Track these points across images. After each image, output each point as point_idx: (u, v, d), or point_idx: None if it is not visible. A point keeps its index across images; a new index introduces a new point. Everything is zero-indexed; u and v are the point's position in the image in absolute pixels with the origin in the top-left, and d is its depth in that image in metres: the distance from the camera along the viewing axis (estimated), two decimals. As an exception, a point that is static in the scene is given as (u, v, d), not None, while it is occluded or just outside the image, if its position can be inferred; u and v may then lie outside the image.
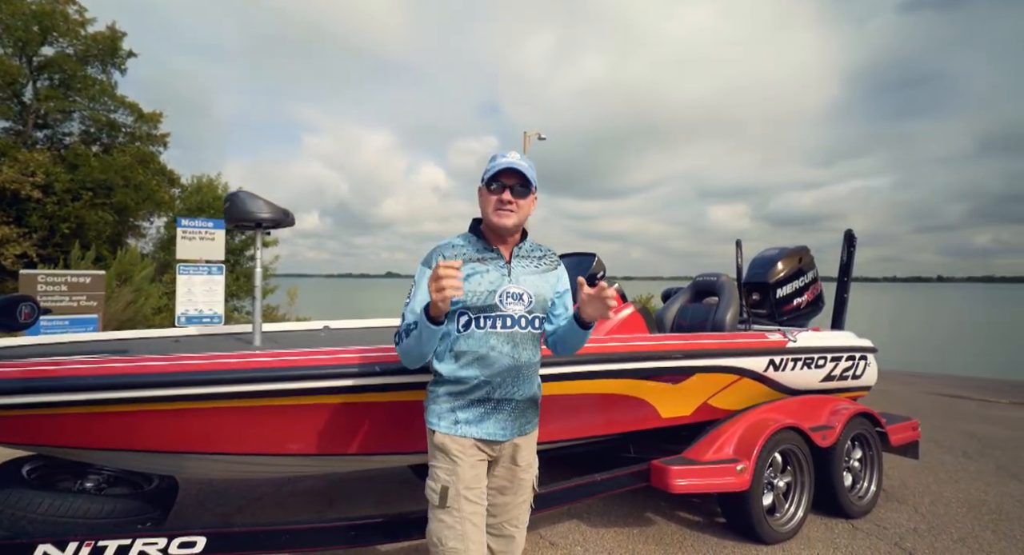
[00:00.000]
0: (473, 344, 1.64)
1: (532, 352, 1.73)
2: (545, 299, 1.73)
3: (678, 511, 3.35)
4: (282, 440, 2.05)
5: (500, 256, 1.71)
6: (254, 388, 1.91)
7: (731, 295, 3.59)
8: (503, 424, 1.67)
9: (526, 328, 1.69)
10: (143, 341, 2.81)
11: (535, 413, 1.79)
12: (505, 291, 1.65)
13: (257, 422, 1.99)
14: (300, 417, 2.04)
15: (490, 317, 1.64)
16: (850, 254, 4.27)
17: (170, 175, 12.49)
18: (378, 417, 2.16)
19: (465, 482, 1.62)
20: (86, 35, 10.99)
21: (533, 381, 1.75)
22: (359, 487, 3.65)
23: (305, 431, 2.06)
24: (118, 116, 11.77)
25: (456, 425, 1.65)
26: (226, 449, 2.00)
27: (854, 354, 3.67)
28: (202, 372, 1.88)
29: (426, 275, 1.62)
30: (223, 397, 1.90)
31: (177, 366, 1.88)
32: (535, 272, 1.74)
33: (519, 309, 1.66)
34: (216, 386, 1.87)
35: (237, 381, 1.89)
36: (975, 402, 7.45)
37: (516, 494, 1.75)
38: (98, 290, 6.49)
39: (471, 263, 1.66)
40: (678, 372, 2.80)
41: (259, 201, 2.52)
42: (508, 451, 1.72)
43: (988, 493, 3.84)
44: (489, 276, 1.65)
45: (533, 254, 1.79)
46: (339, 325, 3.81)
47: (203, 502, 3.29)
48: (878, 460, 3.50)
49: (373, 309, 36.69)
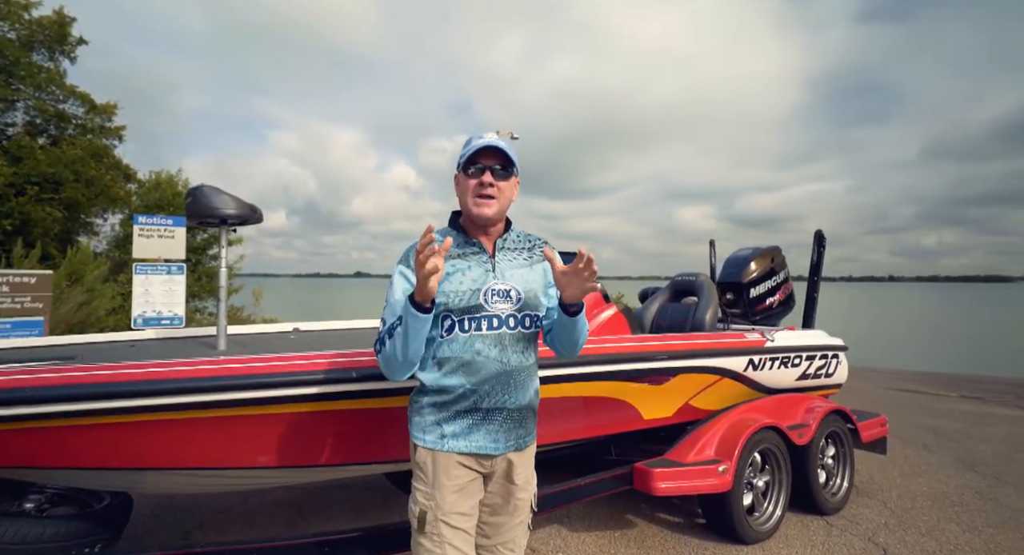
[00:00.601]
0: (457, 349, 1.48)
1: (524, 355, 1.56)
2: (536, 294, 1.56)
3: (659, 512, 3.33)
4: (249, 452, 1.91)
5: (483, 250, 1.55)
6: (217, 397, 1.76)
7: (710, 295, 3.60)
8: (494, 436, 1.51)
9: (515, 328, 1.52)
10: (94, 346, 2.59)
11: (533, 424, 1.63)
12: (490, 288, 1.50)
13: (221, 434, 1.84)
14: (269, 427, 1.90)
15: (475, 318, 1.48)
16: (820, 254, 4.37)
17: (126, 170, 11.84)
18: (354, 425, 2.05)
19: (445, 507, 1.47)
20: (30, 19, 10.31)
21: (527, 387, 1.58)
22: (333, 496, 3.50)
23: (275, 442, 1.92)
24: (67, 107, 11.09)
25: (443, 439, 1.49)
26: (186, 464, 1.85)
27: (827, 353, 3.74)
28: (158, 381, 1.70)
29: (403, 275, 1.51)
30: (182, 408, 1.74)
31: (128, 374, 1.71)
32: (523, 265, 1.57)
33: (506, 308, 1.50)
34: (174, 396, 1.71)
35: (198, 390, 1.73)
36: (929, 396, 7.78)
37: (512, 515, 1.59)
38: (44, 291, 6.08)
39: (451, 260, 1.50)
40: (662, 373, 2.78)
41: (224, 196, 2.36)
42: (502, 467, 1.55)
43: (949, 485, 3.98)
44: (471, 273, 1.50)
45: (520, 245, 1.62)
46: (309, 327, 3.65)
47: (160, 517, 3.08)
48: (850, 457, 3.57)
49: (343, 309, 35.97)
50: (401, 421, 2.13)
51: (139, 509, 3.17)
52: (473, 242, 1.56)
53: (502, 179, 1.51)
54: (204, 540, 2.75)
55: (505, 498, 1.57)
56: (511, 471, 1.55)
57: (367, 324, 3.87)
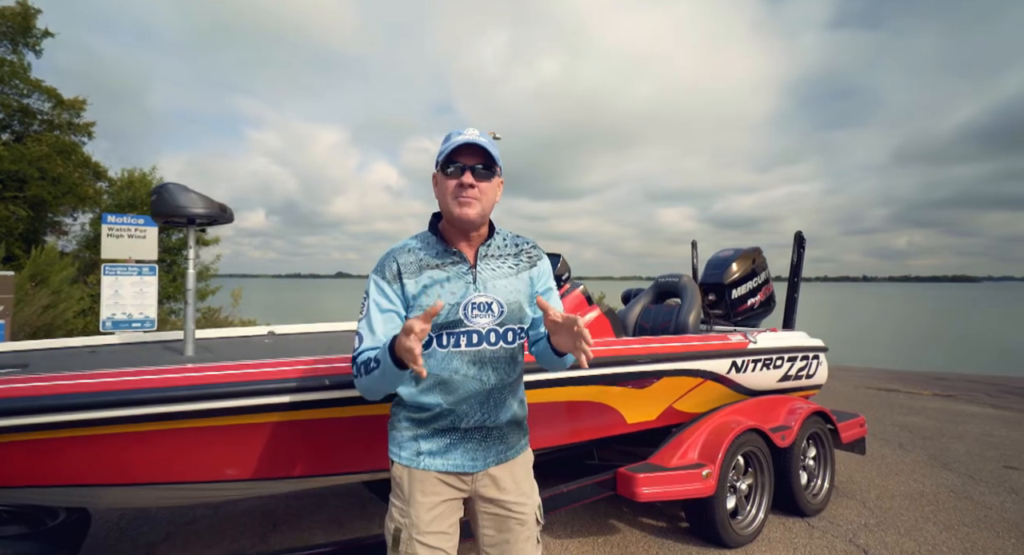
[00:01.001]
0: (434, 365, 1.40)
1: (506, 371, 1.47)
2: (520, 305, 1.46)
3: (642, 517, 3.30)
4: (216, 465, 1.81)
5: (463, 259, 1.44)
6: (179, 408, 1.65)
7: (693, 297, 3.58)
8: (472, 454, 1.44)
9: (496, 344, 1.43)
10: (50, 353, 2.45)
11: (519, 436, 1.54)
12: (470, 302, 1.40)
13: (184, 447, 1.74)
14: (236, 439, 1.80)
15: (453, 334, 1.39)
16: (800, 255, 4.40)
17: (95, 167, 11.45)
18: (327, 435, 1.96)
19: (420, 526, 1.40)
20: (-7, 10, 9.94)
21: (510, 403, 1.50)
22: (308, 505, 3.40)
23: (243, 454, 1.82)
24: (32, 102, 10.70)
25: (419, 457, 1.43)
26: (148, 479, 1.74)
27: (808, 354, 3.75)
28: (113, 392, 1.59)
29: (379, 287, 1.41)
30: (141, 420, 1.63)
31: (81, 386, 1.58)
32: (508, 273, 1.47)
33: (487, 322, 1.41)
34: (132, 408, 1.59)
35: (158, 401, 1.62)
36: (902, 394, 7.93)
37: (515, 530, 1.48)
38: (6, 293, 5.83)
39: (429, 271, 1.41)
40: (645, 377, 2.74)
41: (191, 195, 2.25)
42: (486, 482, 1.47)
43: (925, 484, 4.03)
44: (451, 286, 1.40)
45: (505, 251, 1.50)
46: (285, 330, 3.53)
47: (124, 530, 2.94)
48: (831, 457, 3.58)
49: (323, 310, 35.46)
50: (377, 430, 2.06)
51: (103, 521, 3.04)
52: (453, 251, 1.45)
53: (484, 179, 1.40)
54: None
55: (501, 514, 1.48)
56: (497, 485, 1.47)
57: (345, 327, 3.77)
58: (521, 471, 1.53)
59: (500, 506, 1.48)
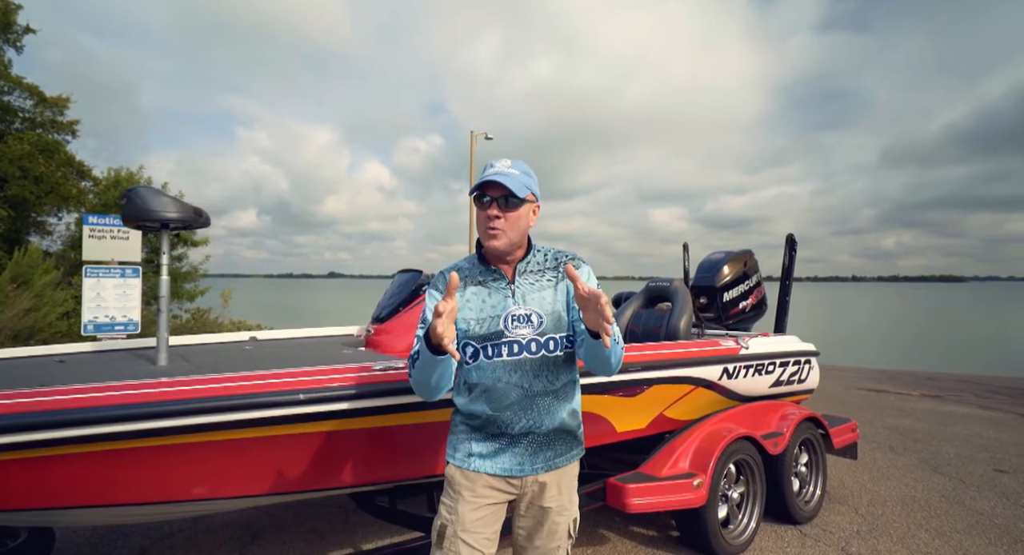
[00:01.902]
0: (481, 375, 1.51)
1: (549, 380, 1.53)
2: (560, 316, 1.54)
3: (632, 526, 3.24)
4: (182, 485, 1.72)
5: (502, 276, 1.55)
6: (145, 426, 1.56)
7: (684, 301, 3.53)
8: (520, 458, 1.51)
9: (537, 353, 1.50)
10: (13, 362, 2.34)
11: (570, 444, 1.58)
12: (509, 314, 1.50)
13: (148, 467, 1.65)
14: (204, 457, 1.71)
15: (496, 345, 1.49)
16: (791, 258, 4.36)
17: (79, 167, 11.23)
18: (306, 451, 1.87)
19: (465, 524, 1.47)
20: (-29, 6, 9.71)
21: (556, 411, 1.54)
22: (290, 517, 3.31)
23: (211, 473, 1.74)
24: (14, 99, 10.48)
25: (470, 458, 1.52)
26: (108, 500, 1.64)
27: (799, 358, 3.71)
28: (73, 410, 1.48)
29: (432, 297, 1.52)
30: (102, 439, 1.54)
31: (32, 404, 1.47)
32: (546, 286, 1.55)
33: (527, 333, 1.50)
34: (91, 427, 1.50)
35: (123, 419, 1.53)
36: (892, 395, 7.95)
37: (548, 539, 1.55)
38: (-18, 296, 5.68)
39: (472, 288, 1.53)
40: (635, 385, 2.68)
41: (163, 198, 2.16)
42: (533, 488, 1.53)
43: (917, 489, 4.00)
44: (491, 300, 1.52)
45: (545, 266, 1.59)
46: (267, 336, 3.44)
47: (97, 545, 2.83)
48: (823, 464, 3.54)
49: (315, 311, 35.18)
50: (355, 443, 1.98)
51: (75, 535, 2.93)
52: (493, 269, 1.56)
53: (511, 209, 1.49)
54: None
55: (539, 521, 1.55)
56: (543, 493, 1.54)
57: (329, 332, 3.68)
58: (567, 481, 1.60)
59: (540, 513, 1.55)
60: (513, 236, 1.51)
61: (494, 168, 1.50)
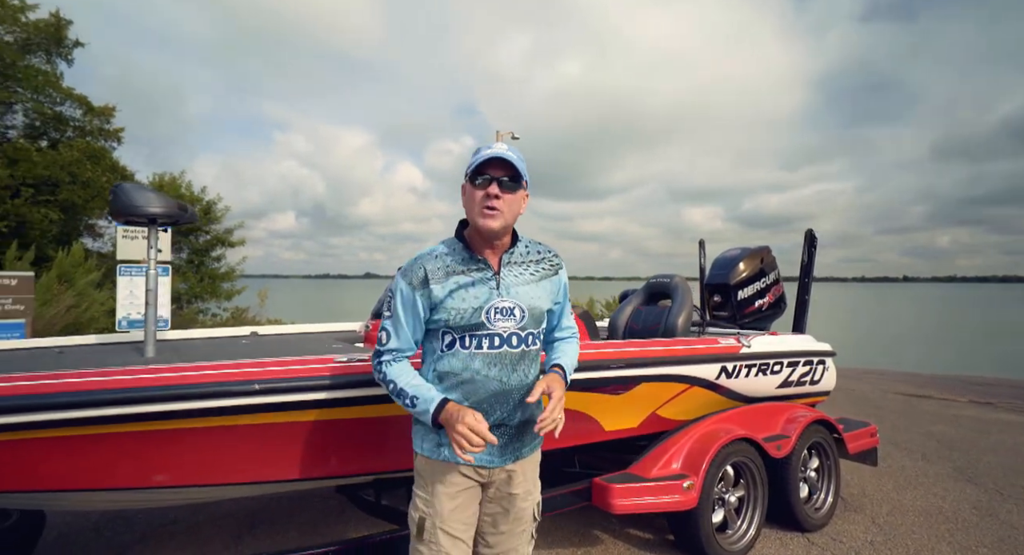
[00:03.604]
0: (456, 365, 1.49)
1: (525, 372, 1.54)
2: (541, 311, 1.55)
3: (628, 528, 3.15)
4: (146, 471, 1.77)
5: (487, 266, 1.52)
6: (101, 413, 1.60)
7: (684, 298, 3.41)
8: (491, 450, 1.50)
9: (517, 347, 1.51)
10: (16, 353, 2.46)
11: (534, 434, 1.60)
12: (493, 307, 1.47)
13: (108, 453, 1.69)
14: (162, 445, 1.75)
15: (475, 336, 1.47)
16: (811, 255, 4.16)
17: (122, 172, 11.87)
18: (270, 441, 1.89)
19: (443, 515, 1.48)
20: (27, 22, 10.37)
21: (528, 404, 1.55)
22: (288, 508, 3.36)
23: (172, 460, 1.78)
24: (65, 109, 11.14)
25: (440, 448, 1.50)
26: (76, 485, 1.70)
27: (811, 358, 3.53)
28: (32, 396, 1.54)
29: (404, 291, 1.49)
30: (62, 425, 1.59)
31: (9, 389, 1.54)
32: (530, 280, 1.55)
33: (509, 326, 1.49)
34: (57, 412, 1.56)
35: (83, 405, 1.58)
36: (936, 401, 7.48)
37: (513, 524, 1.57)
38: (26, 293, 6.03)
39: (455, 277, 1.48)
40: (620, 382, 2.60)
41: (147, 194, 2.23)
42: (501, 477, 1.55)
43: (945, 500, 3.75)
44: (475, 290, 1.48)
45: (528, 259, 1.58)
46: (268, 331, 3.52)
47: (101, 530, 2.95)
48: (835, 469, 3.36)
49: (347, 309, 36.04)
50: (320, 435, 1.98)
51: (83, 519, 3.07)
52: (478, 258, 1.52)
53: (509, 191, 1.47)
54: None
55: (505, 508, 1.56)
56: (511, 480, 1.55)
57: (334, 327, 3.73)
58: (531, 467, 1.63)
59: (506, 501, 1.56)
60: (509, 218, 1.48)
61: (492, 149, 1.47)
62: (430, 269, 1.49)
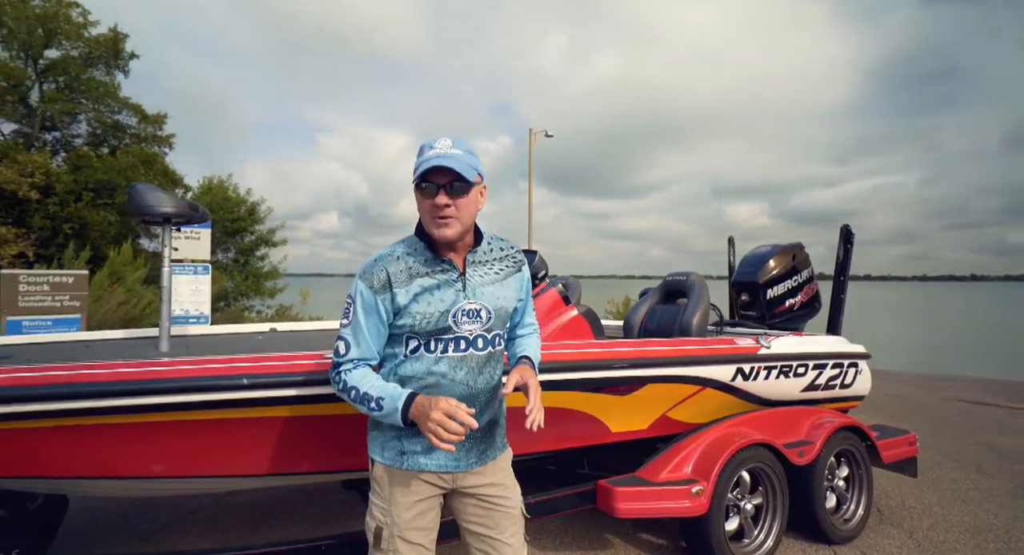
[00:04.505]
0: (420, 369, 1.42)
1: (491, 374, 1.50)
2: (507, 311, 1.51)
3: (640, 533, 3.05)
4: (143, 462, 1.83)
5: (452, 267, 1.45)
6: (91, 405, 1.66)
7: (700, 296, 3.28)
8: (456, 455, 1.45)
9: (484, 349, 1.46)
10: (43, 347, 2.61)
11: (499, 435, 1.57)
12: (460, 309, 1.42)
13: (106, 442, 1.76)
14: (155, 436, 1.81)
15: (441, 340, 1.42)
16: (847, 252, 3.93)
17: (172, 176, 12.56)
18: (259, 435, 1.93)
19: (402, 523, 1.43)
20: (89, 37, 11.11)
21: (492, 406, 1.52)
22: (307, 500, 3.43)
23: (165, 451, 1.84)
24: (122, 118, 11.89)
25: (403, 456, 1.44)
26: (75, 472, 1.78)
27: (841, 361, 3.32)
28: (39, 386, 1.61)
29: (365, 296, 1.40)
30: (63, 415, 1.66)
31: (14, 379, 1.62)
32: (495, 280, 1.50)
33: (475, 328, 1.44)
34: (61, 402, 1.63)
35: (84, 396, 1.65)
36: (1003, 410, 6.92)
37: (501, 524, 1.52)
38: (81, 290, 6.43)
39: (419, 279, 1.41)
40: (623, 382, 2.51)
41: (159, 195, 2.32)
42: (469, 481, 1.50)
43: (999, 516, 3.44)
44: (440, 293, 1.41)
45: (491, 257, 1.52)
46: (288, 327, 3.61)
47: (127, 516, 3.10)
48: (867, 479, 3.15)
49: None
50: (308, 430, 2.00)
51: (113, 506, 3.23)
52: (442, 260, 1.45)
53: (460, 195, 1.38)
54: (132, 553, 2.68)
55: (487, 509, 1.51)
56: (480, 480, 1.51)
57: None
58: (503, 466, 1.57)
59: (484, 499, 1.51)
60: (465, 221, 1.41)
61: (435, 150, 1.37)
62: (392, 272, 1.41)
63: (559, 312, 2.64)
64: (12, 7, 10.12)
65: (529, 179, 17.82)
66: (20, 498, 2.18)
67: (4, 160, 9.07)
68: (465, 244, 1.48)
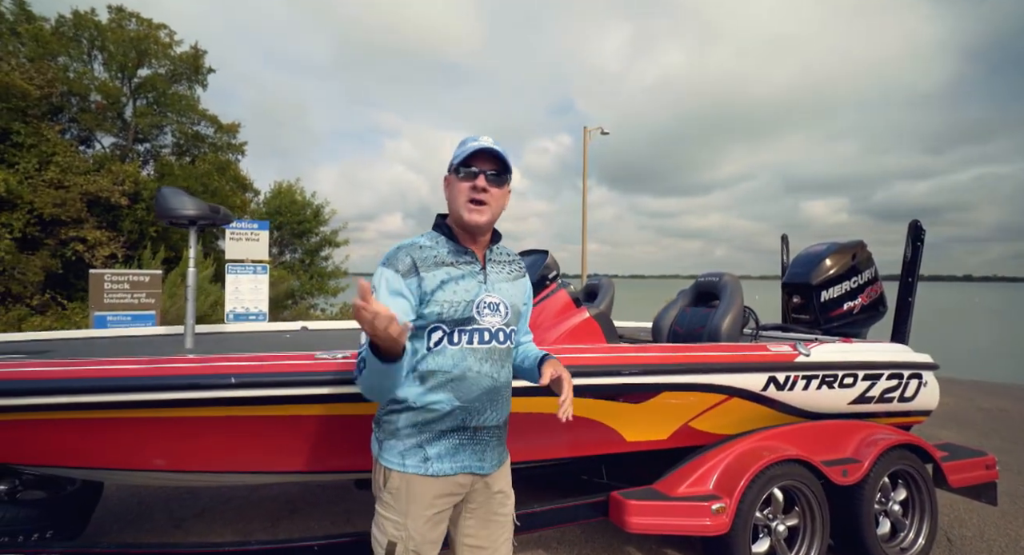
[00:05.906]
0: (445, 363, 1.39)
1: (509, 370, 1.53)
2: (519, 311, 1.54)
3: (665, 548, 2.88)
4: (145, 455, 1.92)
5: (475, 259, 1.48)
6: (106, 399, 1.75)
7: (732, 298, 3.03)
8: (480, 455, 1.45)
9: (504, 343, 1.47)
10: (92, 342, 2.82)
11: (505, 437, 1.57)
12: (483, 301, 1.44)
13: (132, 436, 1.86)
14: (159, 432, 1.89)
15: (465, 331, 1.41)
16: (916, 250, 3.52)
17: (243, 181, 13.41)
18: (251, 434, 1.97)
19: (417, 538, 1.38)
20: (174, 55, 12.08)
21: (508, 403, 1.53)
22: (330, 497, 3.50)
23: (166, 446, 1.92)
24: (201, 128, 12.83)
25: (427, 463, 1.38)
26: (104, 464, 1.89)
27: (900, 371, 2.97)
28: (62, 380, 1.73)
29: (391, 281, 1.36)
30: (79, 408, 1.76)
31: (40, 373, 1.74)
32: (507, 279, 1.54)
33: (496, 321, 1.45)
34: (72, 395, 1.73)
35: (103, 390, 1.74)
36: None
37: (494, 533, 1.51)
38: (155, 288, 6.98)
39: (445, 267, 1.42)
40: (634, 390, 2.36)
41: (183, 198, 2.44)
42: (479, 486, 1.49)
43: (1100, 556, 2.97)
44: (465, 283, 1.43)
45: (503, 258, 1.58)
46: (318, 326, 3.71)
47: (168, 501, 3.30)
48: (930, 504, 2.80)
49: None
50: (300, 430, 2.01)
51: (158, 492, 3.44)
52: (466, 250, 1.48)
53: (496, 185, 1.44)
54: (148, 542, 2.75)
55: (486, 517, 1.51)
56: (488, 488, 1.50)
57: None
58: (505, 470, 1.57)
59: (486, 507, 1.51)
60: (496, 212, 1.46)
61: (478, 141, 1.42)
62: (417, 258, 1.41)
63: (569, 315, 2.53)
64: (112, 32, 11.18)
65: (584, 176, 17.55)
66: (57, 483, 2.36)
67: (100, 170, 10.02)
68: (485, 241, 1.51)
